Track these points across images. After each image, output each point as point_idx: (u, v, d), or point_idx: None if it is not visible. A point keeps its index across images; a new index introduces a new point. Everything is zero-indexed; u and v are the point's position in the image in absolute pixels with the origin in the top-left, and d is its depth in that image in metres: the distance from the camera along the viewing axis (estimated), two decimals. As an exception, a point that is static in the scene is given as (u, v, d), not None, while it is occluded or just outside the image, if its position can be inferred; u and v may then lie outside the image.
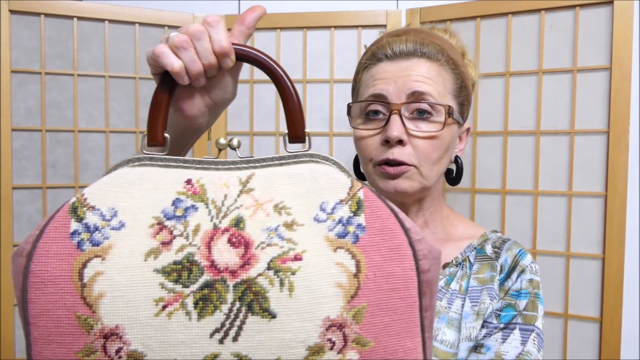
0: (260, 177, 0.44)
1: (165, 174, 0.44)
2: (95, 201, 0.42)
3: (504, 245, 0.73)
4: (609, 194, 1.01)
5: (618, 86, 1.00)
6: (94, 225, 0.41)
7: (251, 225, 0.42)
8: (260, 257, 0.41)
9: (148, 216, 0.42)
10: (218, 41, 0.46)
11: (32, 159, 1.15)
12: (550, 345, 1.08)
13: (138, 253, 0.40)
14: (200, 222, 0.41)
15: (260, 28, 1.23)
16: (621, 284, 1.00)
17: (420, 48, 0.69)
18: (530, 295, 0.69)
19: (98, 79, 1.18)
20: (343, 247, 0.42)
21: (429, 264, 0.44)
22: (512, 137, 1.11)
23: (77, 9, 1.15)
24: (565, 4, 1.04)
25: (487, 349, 0.65)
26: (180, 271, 0.40)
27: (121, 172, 0.44)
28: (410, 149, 0.67)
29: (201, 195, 0.43)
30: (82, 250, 0.40)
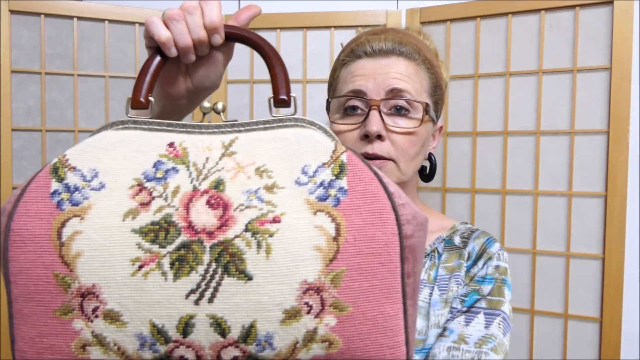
0: (243, 140, 0.44)
1: (148, 137, 0.44)
2: (76, 162, 0.42)
3: (472, 235, 0.75)
4: (609, 194, 1.01)
5: (618, 86, 1.00)
6: (74, 185, 0.41)
7: (231, 188, 0.41)
8: (239, 218, 0.40)
9: (129, 177, 0.42)
10: (209, 15, 0.47)
11: (32, 159, 1.15)
12: (550, 345, 1.08)
13: (116, 213, 0.40)
14: (180, 183, 0.42)
15: (260, 28, 1.23)
16: (621, 284, 1.00)
17: (398, 47, 0.71)
18: (497, 281, 0.70)
19: (98, 79, 1.18)
20: (323, 210, 0.41)
21: (413, 229, 0.43)
22: (512, 137, 1.11)
23: (77, 9, 1.15)
24: (565, 4, 1.04)
25: (451, 331, 0.67)
26: (157, 231, 0.40)
27: (104, 135, 0.44)
28: (388, 144, 0.69)
29: (183, 157, 0.43)
30: (61, 209, 0.41)
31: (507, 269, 0.72)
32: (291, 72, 1.34)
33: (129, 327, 0.39)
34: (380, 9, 1.19)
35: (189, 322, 0.39)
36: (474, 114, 1.14)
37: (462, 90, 1.15)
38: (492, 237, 0.74)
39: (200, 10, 0.48)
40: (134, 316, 0.39)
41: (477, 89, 1.13)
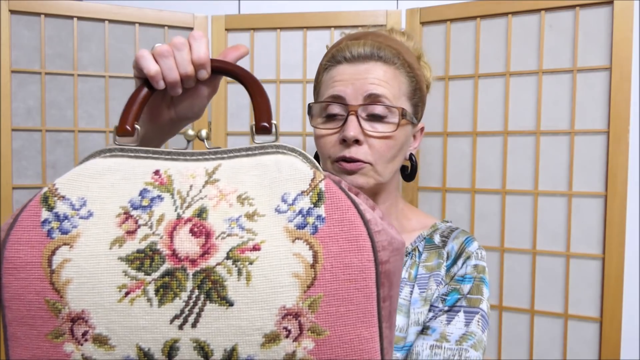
0: (226, 168, 0.46)
1: (135, 165, 0.46)
2: (65, 191, 0.44)
3: (451, 234, 0.77)
4: (609, 194, 1.01)
5: (618, 86, 1.00)
6: (64, 214, 0.43)
7: (214, 216, 0.43)
8: (220, 246, 0.42)
9: (116, 206, 0.44)
10: (197, 52, 0.50)
11: (32, 159, 1.15)
12: (550, 345, 1.08)
13: (104, 241, 0.42)
14: (165, 212, 0.43)
15: (260, 28, 1.23)
16: (621, 284, 1.00)
17: (377, 52, 0.73)
18: (475, 280, 0.73)
19: (98, 79, 1.18)
20: (301, 237, 0.43)
21: (389, 255, 0.44)
22: (512, 137, 1.11)
23: (77, 9, 1.15)
24: (565, 4, 1.04)
25: (433, 330, 0.69)
26: (142, 259, 0.42)
27: (92, 163, 0.46)
28: (366, 148, 0.71)
29: (167, 185, 0.44)
30: (51, 238, 0.42)
31: (485, 267, 0.74)
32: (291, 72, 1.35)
33: (117, 350, 0.41)
34: (380, 9, 1.19)
35: (173, 346, 0.41)
36: (474, 114, 1.14)
37: (462, 90, 1.15)
38: (471, 236, 0.77)
39: (188, 46, 0.50)
40: (121, 340, 0.41)
41: (477, 89, 1.13)
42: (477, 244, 0.75)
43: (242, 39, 1.24)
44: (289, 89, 1.23)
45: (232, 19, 1.23)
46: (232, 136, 1.26)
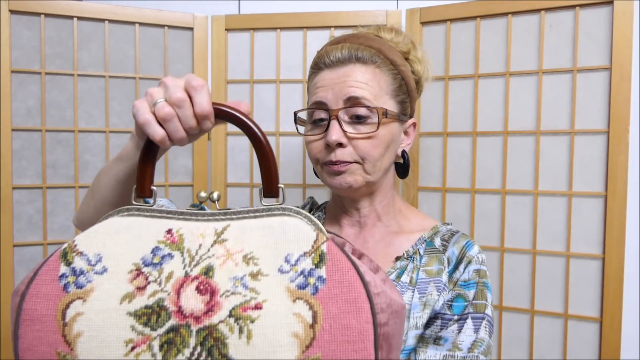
0: (234, 228, 0.48)
1: (149, 224, 0.49)
2: (83, 247, 0.46)
3: (451, 238, 0.77)
4: (609, 194, 1.01)
5: (618, 86, 1.00)
6: (80, 269, 0.45)
7: (220, 274, 0.45)
8: (224, 304, 0.43)
9: (129, 262, 0.46)
10: (200, 105, 0.50)
11: (32, 159, 1.15)
12: (550, 345, 1.08)
13: (115, 296, 0.44)
14: (174, 269, 0.45)
15: (260, 28, 1.23)
16: (621, 284, 1.00)
17: (355, 54, 0.74)
18: (478, 285, 0.73)
19: (98, 79, 1.18)
20: (302, 298, 0.44)
21: (387, 317, 0.45)
22: (512, 137, 1.11)
23: (77, 9, 1.15)
24: (565, 4, 1.04)
25: (445, 340, 0.70)
26: (150, 315, 0.43)
27: (111, 221, 0.49)
28: (350, 149, 0.73)
29: (178, 244, 0.47)
30: (67, 292, 0.45)
31: (486, 271, 0.74)
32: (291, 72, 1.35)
33: None
34: (380, 9, 1.19)
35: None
36: (474, 114, 1.14)
37: (462, 90, 1.15)
38: (471, 240, 0.77)
39: (189, 100, 0.50)
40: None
41: (477, 89, 1.13)
42: (477, 248, 0.75)
43: (242, 39, 1.24)
44: (289, 89, 1.23)
45: (232, 19, 1.23)
46: (232, 136, 1.26)
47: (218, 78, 1.24)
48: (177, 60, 1.24)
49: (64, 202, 1.17)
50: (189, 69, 1.24)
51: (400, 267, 0.75)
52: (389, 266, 0.75)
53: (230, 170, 1.26)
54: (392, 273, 0.74)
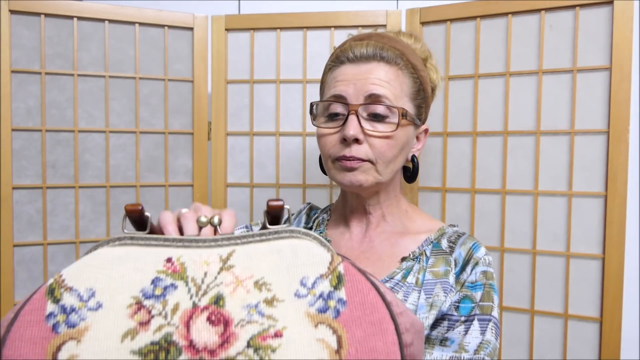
0: (240, 253, 0.44)
1: (145, 253, 0.44)
2: (73, 282, 0.41)
3: (458, 240, 0.77)
4: (609, 194, 1.01)
5: (618, 86, 1.00)
6: (71, 306, 0.40)
7: (231, 303, 0.41)
8: (240, 335, 0.40)
9: (126, 296, 0.41)
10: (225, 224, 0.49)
11: (32, 159, 1.15)
12: (550, 345, 1.08)
13: (114, 335, 0.39)
14: (180, 300, 0.41)
15: (260, 28, 1.23)
16: (621, 284, 1.00)
17: (379, 52, 0.74)
18: (485, 287, 0.72)
19: (98, 79, 1.18)
20: (324, 322, 0.42)
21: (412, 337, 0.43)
22: (512, 137, 1.11)
23: (77, 9, 1.15)
24: (565, 4, 1.04)
25: (452, 342, 0.69)
26: (157, 352, 0.39)
27: (101, 252, 0.43)
28: (366, 147, 0.72)
29: (181, 273, 0.42)
30: (57, 332, 0.39)
31: (492, 273, 0.74)
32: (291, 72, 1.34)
33: None
34: (380, 9, 1.19)
35: None
36: (474, 114, 1.14)
37: (462, 90, 1.15)
38: (478, 242, 0.76)
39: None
40: None
41: (477, 89, 1.13)
42: (484, 250, 0.75)
43: (242, 39, 1.24)
44: (289, 89, 1.23)
45: (232, 19, 1.23)
46: (232, 136, 1.26)
47: (218, 78, 1.24)
48: (177, 60, 1.24)
49: (64, 202, 1.17)
50: (189, 69, 1.24)
51: (406, 267, 0.74)
52: (394, 266, 0.75)
53: (230, 170, 1.26)
54: (397, 273, 0.74)
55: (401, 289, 0.73)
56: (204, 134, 1.25)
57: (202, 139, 1.25)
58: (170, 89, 1.23)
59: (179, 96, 1.24)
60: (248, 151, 1.26)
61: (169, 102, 1.23)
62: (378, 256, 0.77)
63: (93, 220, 1.19)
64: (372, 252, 0.78)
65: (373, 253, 0.78)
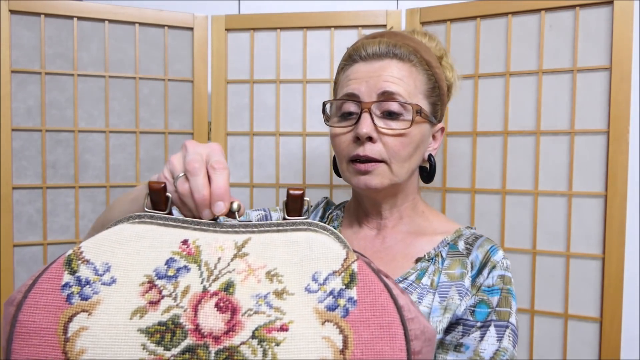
0: (256, 242, 0.44)
1: (163, 233, 0.44)
2: (90, 255, 0.42)
3: (475, 242, 0.75)
4: (609, 194, 1.01)
5: (618, 86, 1.00)
6: (86, 279, 0.41)
7: (241, 291, 0.41)
8: (246, 324, 0.40)
9: (140, 274, 0.42)
10: (216, 183, 0.49)
11: (32, 159, 1.15)
12: (550, 345, 1.08)
13: (124, 311, 0.40)
14: (191, 283, 0.41)
15: (260, 28, 1.23)
16: (621, 284, 1.00)
17: (392, 49, 0.73)
18: (502, 292, 0.70)
19: (98, 79, 1.18)
20: (332, 320, 0.41)
21: (421, 345, 0.42)
22: (512, 137, 1.11)
23: (77, 9, 1.15)
24: (565, 4, 1.04)
25: (467, 347, 0.67)
26: (163, 333, 0.39)
27: (120, 228, 0.44)
28: (380, 146, 0.70)
29: (195, 256, 0.43)
30: (70, 303, 0.40)
31: (511, 278, 0.71)
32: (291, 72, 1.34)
33: None
34: (380, 9, 1.19)
35: None
36: (474, 114, 1.14)
37: (462, 90, 1.15)
38: (496, 245, 0.74)
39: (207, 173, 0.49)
40: None
41: (477, 89, 1.13)
42: (502, 253, 0.73)
43: (242, 39, 1.24)
44: (289, 89, 1.23)
45: (232, 19, 1.23)
46: (232, 136, 1.26)
47: (218, 78, 1.24)
48: (177, 60, 1.24)
49: (64, 202, 1.17)
50: (189, 69, 1.24)
51: (420, 268, 0.72)
52: (409, 267, 0.73)
53: (230, 170, 1.26)
54: (412, 274, 0.72)
55: (415, 290, 0.71)
56: (204, 134, 1.25)
57: (202, 139, 1.25)
58: (170, 89, 1.23)
59: (179, 96, 1.24)
60: (248, 151, 1.26)
61: (169, 102, 1.23)
62: (392, 256, 0.75)
63: (93, 220, 1.19)
64: (386, 252, 0.76)
65: (387, 253, 0.76)
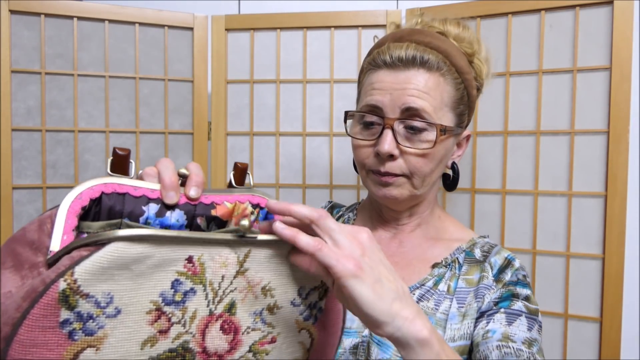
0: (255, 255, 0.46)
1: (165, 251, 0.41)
2: (89, 288, 0.37)
3: (492, 250, 0.75)
4: (609, 194, 1.01)
5: (618, 86, 1.00)
6: (88, 314, 0.38)
7: (241, 310, 0.45)
8: (245, 341, 0.45)
9: (146, 299, 0.40)
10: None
11: (32, 159, 1.15)
12: (550, 345, 1.08)
13: (134, 341, 0.40)
14: (198, 308, 0.43)
15: (260, 28, 1.23)
16: (621, 284, 1.00)
17: (420, 56, 0.68)
18: (528, 287, 0.71)
19: (98, 79, 1.18)
20: (306, 328, 0.49)
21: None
22: (512, 137, 1.11)
23: (77, 9, 1.15)
24: (565, 4, 1.04)
25: (493, 332, 0.64)
26: (174, 358, 0.42)
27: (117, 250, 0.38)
28: (401, 162, 0.69)
29: (200, 275, 0.43)
30: (73, 340, 0.37)
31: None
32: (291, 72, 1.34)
33: None
34: (380, 9, 1.19)
35: None
36: (474, 114, 1.14)
37: (462, 90, 1.15)
38: (512, 254, 0.74)
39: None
40: None
41: (477, 89, 1.13)
42: (519, 262, 0.73)
43: (242, 39, 1.24)
44: (289, 89, 1.23)
45: (232, 19, 1.23)
46: (232, 136, 1.26)
47: (218, 78, 1.24)
48: (177, 60, 1.24)
49: (64, 202, 1.17)
50: (189, 68, 1.24)
51: (438, 274, 0.72)
52: (426, 273, 0.72)
53: (230, 170, 1.26)
54: (429, 280, 0.71)
55: (432, 296, 0.70)
56: (204, 134, 1.25)
57: (202, 139, 1.25)
58: (170, 89, 1.23)
59: (179, 96, 1.24)
60: (248, 151, 1.26)
61: (169, 102, 1.23)
62: (408, 261, 0.74)
63: (93, 220, 1.19)
64: (402, 256, 0.75)
65: (403, 258, 0.75)
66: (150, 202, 0.44)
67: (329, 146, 1.22)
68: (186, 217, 0.46)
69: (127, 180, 0.44)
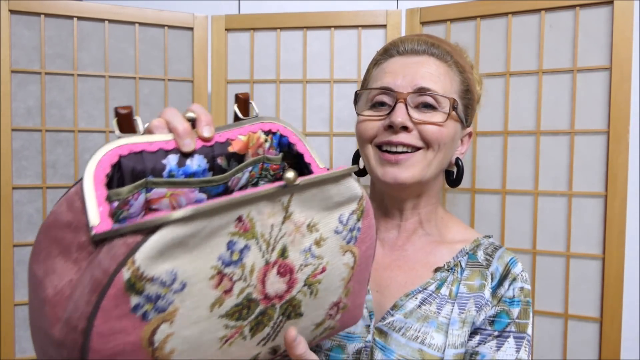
0: (296, 197, 0.47)
1: (215, 220, 0.40)
2: (152, 271, 0.37)
3: (495, 253, 0.74)
4: (609, 194, 1.01)
5: (618, 86, 1.00)
6: (156, 294, 0.38)
7: (292, 251, 0.47)
8: (300, 278, 0.48)
9: (207, 267, 0.41)
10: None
11: (32, 159, 1.15)
12: (550, 345, 1.08)
13: (203, 306, 0.42)
14: (255, 261, 0.45)
15: (260, 28, 1.23)
16: (621, 284, 1.00)
17: (430, 48, 0.72)
18: (522, 304, 0.70)
19: (98, 79, 1.18)
20: (349, 250, 0.52)
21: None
22: (512, 137, 1.11)
23: (77, 9, 1.15)
24: (565, 4, 1.04)
25: (482, 356, 0.66)
26: (240, 310, 0.44)
27: (172, 230, 0.38)
28: (415, 134, 0.68)
29: (251, 230, 0.44)
30: (147, 320, 0.38)
31: (529, 290, 0.72)
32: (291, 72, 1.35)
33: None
34: (380, 9, 1.19)
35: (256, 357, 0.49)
36: (474, 114, 1.14)
37: (462, 90, 1.15)
38: (515, 257, 0.73)
39: None
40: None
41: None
42: (521, 266, 0.73)
43: (242, 39, 1.24)
44: (289, 89, 1.23)
45: (232, 19, 1.23)
46: (232, 136, 1.26)
47: (218, 78, 1.24)
48: (177, 60, 1.24)
49: (64, 202, 1.17)
50: (189, 68, 1.24)
51: (440, 278, 0.71)
52: (428, 276, 0.72)
53: (230, 170, 1.26)
54: (431, 284, 0.71)
55: (434, 300, 0.70)
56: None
57: (202, 139, 1.25)
58: (170, 89, 1.23)
59: (179, 96, 1.24)
60: (248, 151, 1.26)
61: (169, 102, 1.23)
62: (411, 265, 0.74)
63: (93, 220, 1.19)
64: (405, 260, 0.75)
65: (406, 261, 0.75)
66: (169, 154, 0.44)
67: (329, 146, 1.22)
68: (207, 161, 0.47)
69: (139, 137, 0.43)
